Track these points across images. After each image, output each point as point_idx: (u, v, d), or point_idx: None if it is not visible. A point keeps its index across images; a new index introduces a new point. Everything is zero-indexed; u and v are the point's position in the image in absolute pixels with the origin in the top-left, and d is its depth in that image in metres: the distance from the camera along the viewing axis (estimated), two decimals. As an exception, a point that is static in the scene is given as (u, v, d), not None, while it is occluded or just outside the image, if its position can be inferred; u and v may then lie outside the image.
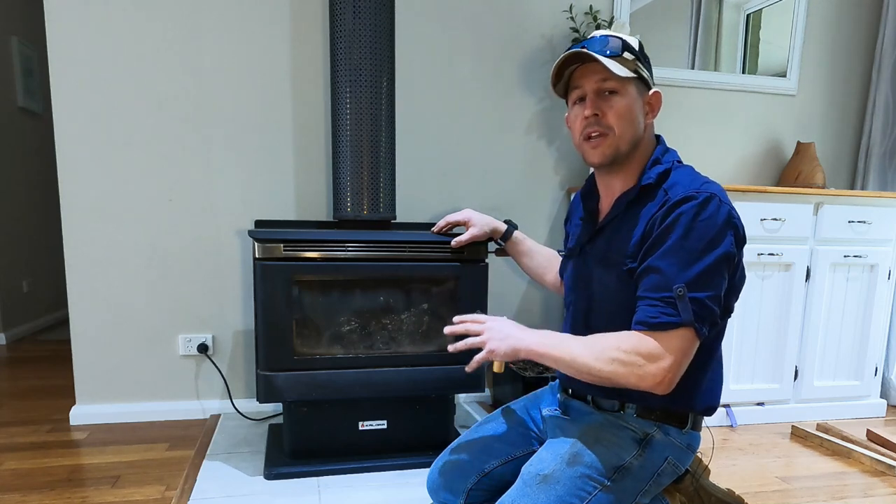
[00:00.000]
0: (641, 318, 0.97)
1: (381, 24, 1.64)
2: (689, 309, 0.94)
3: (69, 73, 1.82)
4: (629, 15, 2.20)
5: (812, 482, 1.68)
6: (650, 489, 1.08)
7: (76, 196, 1.87)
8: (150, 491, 1.51)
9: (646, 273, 0.99)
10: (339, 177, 1.71)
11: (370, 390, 1.58)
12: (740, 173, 2.44)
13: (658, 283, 0.96)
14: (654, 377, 0.94)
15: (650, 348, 0.94)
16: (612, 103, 1.04)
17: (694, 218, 0.96)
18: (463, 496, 1.20)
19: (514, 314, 2.26)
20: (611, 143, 1.06)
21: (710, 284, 0.95)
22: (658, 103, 1.09)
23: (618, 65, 1.02)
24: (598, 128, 1.06)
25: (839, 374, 2.18)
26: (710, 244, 0.95)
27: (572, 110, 1.11)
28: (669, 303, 0.94)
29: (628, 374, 0.95)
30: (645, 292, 0.98)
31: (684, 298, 0.94)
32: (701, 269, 0.95)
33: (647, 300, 0.98)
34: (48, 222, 3.59)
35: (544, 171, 2.22)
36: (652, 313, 0.96)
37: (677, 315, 0.94)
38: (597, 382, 0.99)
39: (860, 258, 2.11)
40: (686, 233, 0.95)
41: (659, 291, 0.96)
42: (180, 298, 1.98)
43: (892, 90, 2.37)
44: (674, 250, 0.96)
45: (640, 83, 1.07)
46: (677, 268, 0.95)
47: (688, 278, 0.94)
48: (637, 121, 1.07)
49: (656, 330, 0.95)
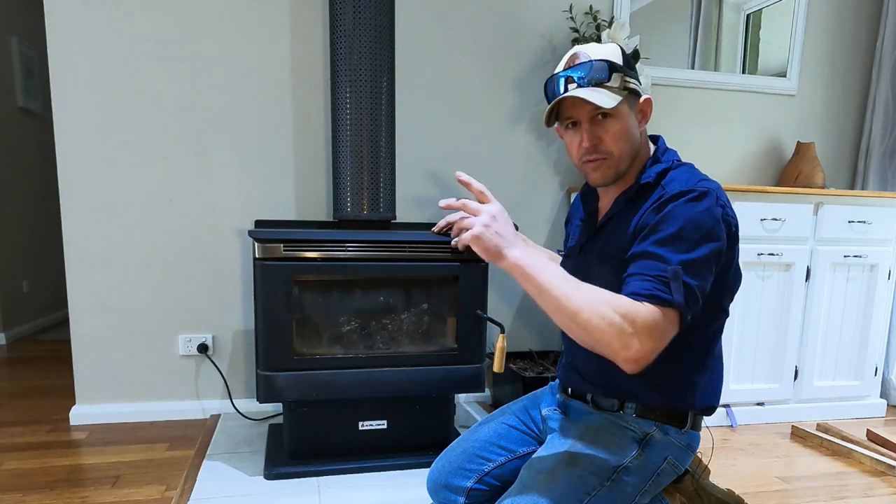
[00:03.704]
0: (634, 289, 0.93)
1: (381, 24, 1.64)
2: (680, 290, 0.91)
3: (69, 73, 1.82)
4: (629, 15, 2.20)
5: (812, 482, 1.68)
6: (650, 489, 1.08)
7: (76, 196, 1.87)
8: (150, 491, 1.51)
9: (638, 257, 0.97)
10: (339, 177, 1.71)
11: (370, 390, 1.58)
12: (740, 173, 2.44)
13: (652, 264, 0.94)
14: (636, 351, 0.88)
15: (645, 319, 0.89)
16: (608, 128, 1.04)
17: (690, 210, 0.96)
18: (463, 496, 1.20)
19: (514, 314, 2.26)
20: (610, 165, 1.06)
21: (699, 274, 0.94)
22: (649, 108, 1.09)
23: (607, 93, 1.00)
24: (597, 154, 1.06)
25: (839, 374, 2.18)
26: (705, 236, 0.95)
27: (566, 135, 1.10)
28: (663, 281, 0.92)
29: (613, 336, 0.88)
30: (640, 270, 0.95)
31: (679, 279, 0.91)
32: (694, 257, 0.94)
33: (639, 276, 0.94)
34: (48, 222, 3.59)
35: (544, 171, 2.22)
36: (646, 286, 0.92)
37: (669, 294, 0.91)
38: (572, 332, 0.92)
39: (860, 258, 2.11)
40: (682, 224, 0.95)
41: (653, 270, 0.93)
42: (180, 298, 1.98)
43: (892, 90, 2.37)
44: (669, 239, 0.95)
45: (632, 96, 1.05)
46: (672, 253, 0.94)
47: (683, 262, 0.93)
48: (633, 136, 1.07)
49: (649, 301, 0.91)
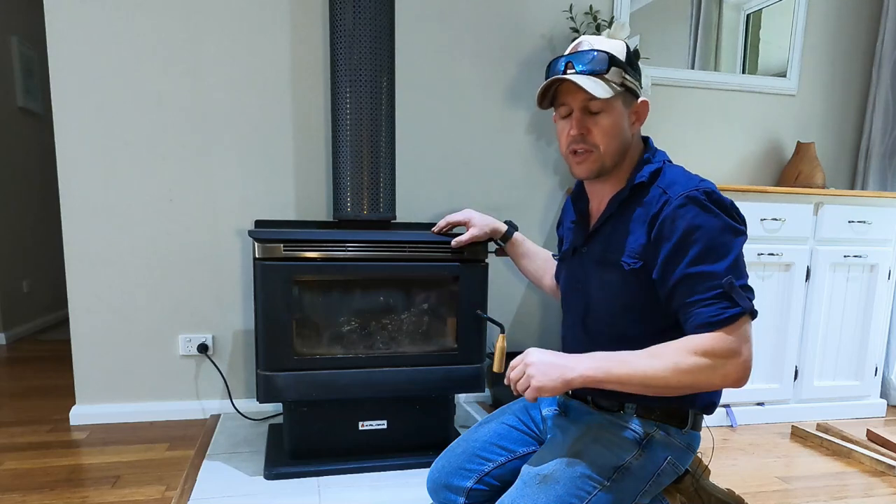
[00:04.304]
0: (703, 320, 0.95)
1: (381, 24, 1.64)
2: (742, 296, 0.94)
3: (69, 73, 1.82)
4: (629, 15, 2.20)
5: (812, 482, 1.68)
6: (650, 489, 1.08)
7: (76, 196, 1.87)
8: (150, 491, 1.51)
9: (686, 281, 0.97)
10: (339, 177, 1.71)
11: (370, 390, 1.58)
12: (740, 173, 2.44)
13: (704, 284, 0.95)
14: (736, 373, 0.94)
15: (725, 346, 0.93)
16: (598, 121, 1.05)
17: (709, 217, 0.97)
18: (463, 496, 1.20)
19: (514, 314, 2.26)
20: (595, 159, 1.07)
21: (744, 270, 0.98)
22: (645, 112, 1.09)
23: (603, 85, 1.01)
24: (584, 145, 1.07)
25: (839, 374, 2.18)
26: (732, 235, 0.97)
27: (559, 123, 1.12)
28: (723, 296, 0.94)
29: (710, 377, 0.94)
30: (693, 296, 0.96)
31: (735, 288, 0.94)
32: (733, 258, 0.96)
33: (699, 303, 0.95)
34: (48, 222, 3.59)
35: (544, 171, 2.22)
36: (712, 312, 0.94)
37: (737, 305, 0.94)
38: (669, 394, 0.97)
39: (860, 258, 2.11)
40: (710, 234, 0.96)
41: (709, 291, 0.95)
42: (180, 298, 1.98)
43: (892, 90, 2.37)
44: (705, 254, 0.96)
45: (628, 95, 1.06)
46: (715, 266, 0.95)
47: (728, 268, 0.95)
48: (623, 134, 1.07)
49: (723, 326, 0.94)
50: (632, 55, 1.07)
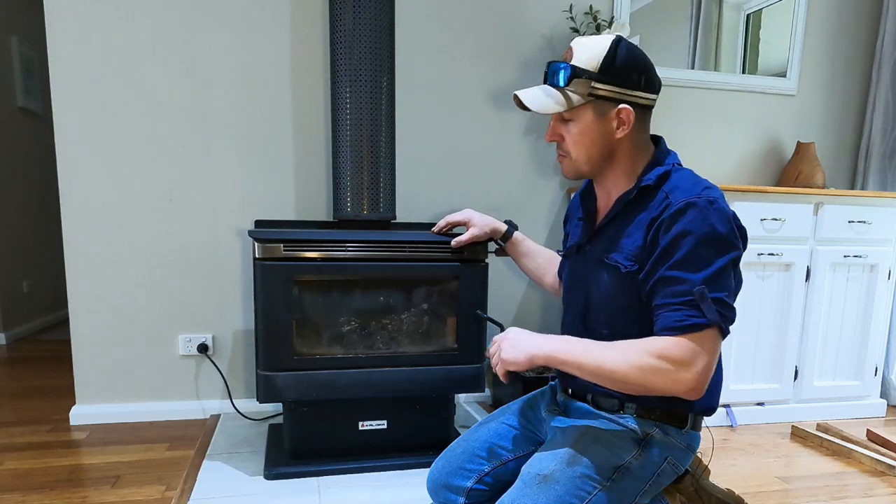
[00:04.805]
0: (667, 323, 0.95)
1: (381, 24, 1.64)
2: (712, 309, 0.93)
3: (69, 73, 1.82)
4: (629, 15, 2.20)
5: (812, 482, 1.68)
6: (650, 489, 1.08)
7: (76, 196, 1.87)
8: (150, 491, 1.51)
9: (661, 283, 0.98)
10: (339, 177, 1.71)
11: (370, 390, 1.58)
12: (740, 173, 2.44)
13: (676, 289, 0.95)
14: (687, 382, 0.93)
15: (682, 353, 0.93)
16: (569, 129, 1.09)
17: (702, 224, 0.96)
18: (463, 496, 1.20)
19: (514, 314, 2.26)
20: (569, 164, 1.13)
21: (725, 285, 0.96)
22: (629, 117, 1.05)
23: (555, 99, 1.05)
24: (560, 151, 1.13)
25: (839, 374, 2.18)
26: (721, 248, 0.96)
27: None
28: (692, 304, 0.94)
29: (660, 380, 0.94)
30: (664, 299, 0.97)
31: (706, 299, 0.93)
32: (715, 270, 0.95)
33: (668, 306, 0.96)
34: (48, 222, 3.59)
35: (544, 171, 2.22)
36: (677, 317, 0.94)
37: (703, 316, 0.93)
38: (623, 390, 0.98)
39: (860, 258, 2.11)
40: (696, 240, 0.96)
41: (679, 297, 0.95)
42: (180, 298, 1.98)
43: (893, 90, 2.37)
44: (687, 259, 0.96)
45: (605, 102, 1.05)
46: (692, 274, 0.95)
47: (705, 279, 0.94)
48: (598, 141, 1.08)
49: (685, 333, 0.94)
50: (617, 62, 1.03)
